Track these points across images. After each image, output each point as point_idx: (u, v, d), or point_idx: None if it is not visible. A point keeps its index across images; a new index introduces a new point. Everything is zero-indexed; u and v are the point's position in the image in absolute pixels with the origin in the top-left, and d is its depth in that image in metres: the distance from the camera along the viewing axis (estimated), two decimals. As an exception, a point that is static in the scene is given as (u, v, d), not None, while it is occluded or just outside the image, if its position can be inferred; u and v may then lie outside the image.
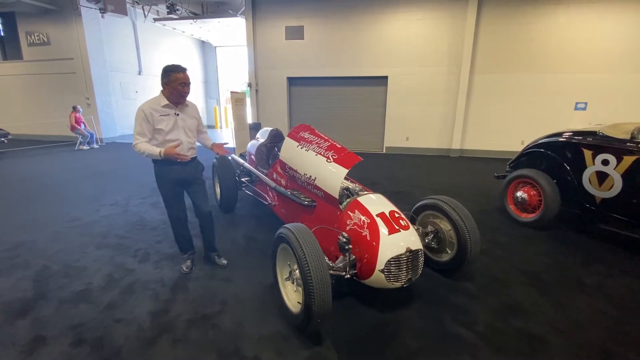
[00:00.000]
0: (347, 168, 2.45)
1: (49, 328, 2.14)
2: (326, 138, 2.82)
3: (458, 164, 8.10)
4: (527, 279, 2.79)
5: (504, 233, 3.75)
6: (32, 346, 1.98)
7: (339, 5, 9.08)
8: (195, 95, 17.29)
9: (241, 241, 3.52)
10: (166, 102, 2.51)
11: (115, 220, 4.13)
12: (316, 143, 2.76)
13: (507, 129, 8.66)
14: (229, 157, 4.37)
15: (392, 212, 2.36)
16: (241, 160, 4.45)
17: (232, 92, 8.50)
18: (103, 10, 9.86)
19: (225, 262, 2.97)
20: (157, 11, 12.50)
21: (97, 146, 10.68)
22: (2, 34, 12.19)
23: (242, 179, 4.39)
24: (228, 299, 2.49)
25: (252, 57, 9.99)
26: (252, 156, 4.47)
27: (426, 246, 2.82)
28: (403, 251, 2.15)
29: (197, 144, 2.82)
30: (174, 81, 2.46)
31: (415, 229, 2.64)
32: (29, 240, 3.48)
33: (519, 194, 3.94)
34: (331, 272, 2.21)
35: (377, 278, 2.18)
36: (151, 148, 2.43)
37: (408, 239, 2.23)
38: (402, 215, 2.40)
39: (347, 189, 2.78)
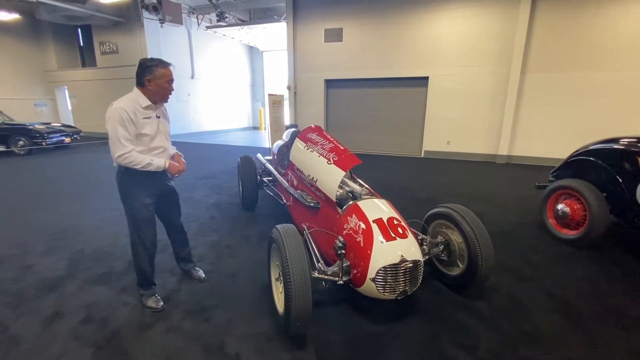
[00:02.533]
0: (344, 170, 2.37)
1: (68, 304, 2.39)
2: (331, 139, 2.76)
3: (503, 171, 7.43)
4: (555, 305, 2.44)
5: (539, 250, 3.34)
6: (50, 319, 2.22)
7: (379, 5, 8.90)
8: (243, 98, 18.20)
9: (254, 239, 3.59)
10: (148, 102, 2.10)
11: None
12: (320, 144, 2.72)
13: (564, 133, 7.73)
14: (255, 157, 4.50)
15: (390, 219, 2.23)
16: (263, 160, 4.56)
17: (269, 95, 8.78)
18: (162, 21, 10.83)
19: (204, 276, 2.69)
20: (210, 19, 13.40)
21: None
22: (81, 44, 14.02)
23: (264, 179, 4.49)
24: (228, 294, 2.56)
25: (291, 61, 10.22)
26: (276, 156, 4.56)
27: (436, 258, 2.62)
28: (397, 261, 2.02)
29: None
30: (160, 78, 2.09)
31: (420, 239, 2.48)
32: (73, 226, 3.93)
33: (560, 207, 3.48)
34: (324, 276, 2.16)
35: (369, 287, 2.07)
36: (150, 160, 2.07)
37: (405, 248, 2.09)
38: (403, 223, 2.25)
39: (351, 192, 2.69)
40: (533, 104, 7.94)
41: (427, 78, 8.85)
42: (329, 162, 2.52)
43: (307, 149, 2.81)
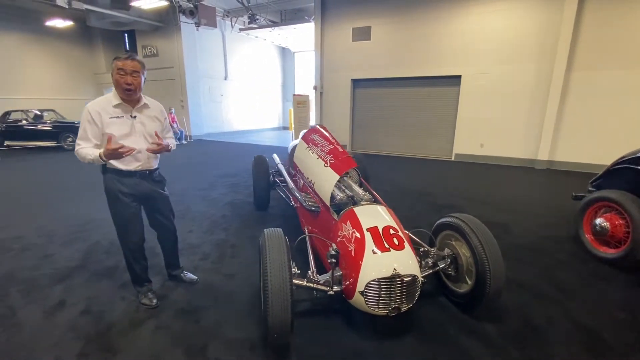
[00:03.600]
0: (339, 174, 2.23)
1: (72, 295, 2.50)
2: (332, 141, 2.64)
3: (542, 178, 6.81)
4: (579, 334, 2.12)
5: (570, 269, 2.96)
6: (54, 309, 2.33)
7: (409, 1, 8.57)
8: (274, 98, 18.52)
9: (259, 240, 3.56)
10: (118, 100, 2.02)
11: (167, 208, 4.64)
12: (321, 146, 2.61)
13: (613, 137, 6.91)
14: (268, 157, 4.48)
15: (387, 228, 2.06)
16: (277, 160, 4.53)
17: (294, 95, 8.80)
18: (198, 24, 11.30)
19: (195, 277, 2.67)
20: (244, 22, 13.76)
21: (185, 142, 12.29)
22: (127, 47, 15.03)
23: (277, 179, 4.45)
24: (222, 295, 2.53)
25: (318, 61, 10.17)
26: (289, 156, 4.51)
27: (443, 272, 2.40)
28: (389, 274, 1.85)
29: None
30: (114, 70, 1.97)
31: (423, 251, 2.28)
32: (98, 218, 4.15)
33: (598, 221, 3.06)
34: (314, 285, 2.05)
35: (358, 300, 1.93)
36: (90, 152, 1.95)
37: (400, 261, 1.92)
38: (400, 234, 2.08)
39: (352, 196, 2.55)
40: (579, 104, 7.18)
41: (459, 77, 8.36)
42: (326, 165, 2.40)
43: (308, 150, 2.71)
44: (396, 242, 2.00)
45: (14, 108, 10.71)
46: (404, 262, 1.93)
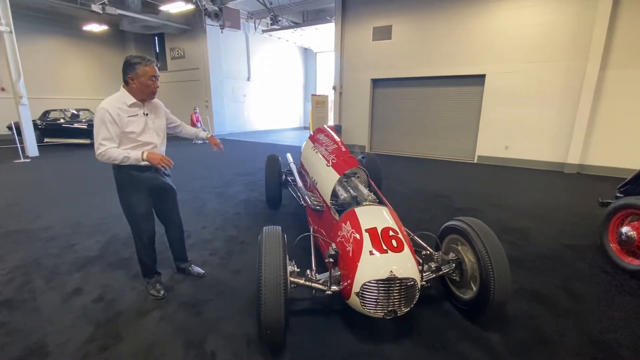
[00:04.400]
0: (339, 174, 2.22)
1: (88, 283, 2.65)
2: (336, 140, 2.62)
3: (571, 183, 6.42)
4: (593, 349, 1.98)
5: (591, 280, 2.77)
6: (70, 295, 2.48)
7: (432, -1, 8.36)
8: (295, 99, 18.69)
9: (259, 237, 3.61)
10: (133, 100, 2.12)
11: (183, 203, 4.80)
12: (325, 145, 2.61)
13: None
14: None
15: (386, 229, 2.03)
16: (290, 159, 4.57)
17: (312, 95, 8.84)
18: (222, 26, 11.61)
19: (202, 271, 2.74)
20: (267, 23, 14.01)
21: (208, 142, 12.66)
22: (157, 50, 15.72)
23: (289, 178, 4.49)
24: (226, 290, 2.59)
25: (338, 61, 10.15)
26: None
27: (448, 277, 2.33)
28: (385, 277, 1.82)
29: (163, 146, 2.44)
30: (143, 75, 2.07)
31: (425, 254, 2.22)
32: (120, 212, 4.37)
33: (624, 229, 2.85)
34: (311, 284, 2.05)
35: (354, 301, 1.91)
36: (127, 153, 2.06)
37: (398, 264, 1.88)
38: (400, 236, 2.03)
39: (355, 197, 2.53)
40: (614, 104, 6.70)
41: (483, 76, 8.05)
42: (328, 164, 2.39)
43: (314, 150, 2.72)
44: (395, 244, 1.96)
45: (53, 107, 11.51)
46: (402, 265, 1.89)
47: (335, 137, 2.74)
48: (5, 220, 4.06)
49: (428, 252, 2.24)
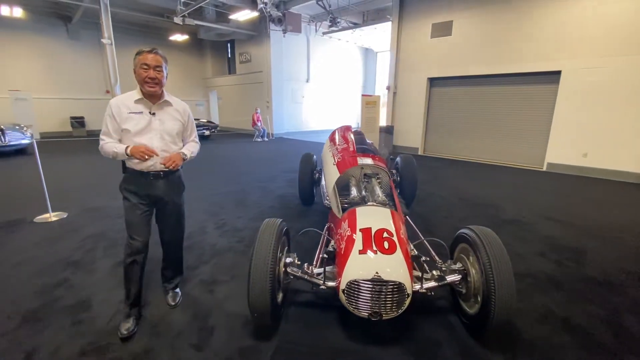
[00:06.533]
0: (339, 173, 2.24)
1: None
2: (349, 140, 2.64)
3: (666, 200, 5.29)
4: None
5: (649, 315, 2.31)
6: (118, 264, 2.94)
7: (500, -10, 7.63)
8: (353, 99, 18.71)
9: (292, 231, 3.77)
10: (139, 96, 1.99)
11: (230, 195, 5.26)
12: (338, 144, 2.64)
13: None
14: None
15: (381, 231, 2.00)
16: (324, 159, 4.67)
17: (363, 96, 8.79)
18: (284, 31, 12.24)
19: (173, 303, 2.34)
20: (327, 25, 14.32)
21: (267, 140, 13.47)
22: (229, 55, 17.22)
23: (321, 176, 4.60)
24: (240, 273, 2.81)
25: (393, 60, 9.91)
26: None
27: (456, 289, 2.19)
28: (369, 277, 1.81)
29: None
30: (136, 65, 1.94)
31: (424, 260, 2.12)
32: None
33: None
34: (306, 277, 2.14)
35: (342, 298, 1.93)
36: (116, 147, 1.92)
37: (386, 266, 1.85)
38: (394, 238, 1.99)
39: (364, 197, 2.52)
40: None
41: (558, 73, 7.08)
42: (333, 163, 2.43)
43: (329, 149, 2.78)
44: (386, 246, 1.93)
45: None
46: (391, 268, 1.85)
47: (349, 137, 2.76)
48: (89, 199, 4.94)
49: (428, 259, 2.13)
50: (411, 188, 4.32)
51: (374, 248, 1.92)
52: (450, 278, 2.11)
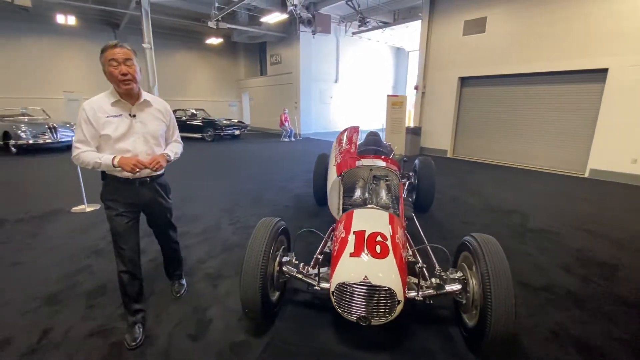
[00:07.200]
0: (337, 174, 2.22)
1: (150, 247, 3.29)
2: (353, 141, 2.61)
3: None
4: None
5: (684, 343, 2.05)
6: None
7: (539, -18, 7.12)
8: (383, 99, 18.40)
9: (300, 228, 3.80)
10: (116, 97, 1.82)
11: (248, 193, 5.41)
12: (341, 145, 2.62)
13: None
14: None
15: (374, 234, 1.96)
16: (340, 160, 4.65)
17: (388, 96, 8.62)
18: (314, 32, 12.33)
19: (179, 294, 2.46)
20: (358, 25, 14.22)
21: (294, 140, 13.65)
22: (260, 57, 17.68)
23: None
24: (246, 271, 2.89)
25: (422, 59, 9.61)
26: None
27: (456, 299, 2.09)
28: (357, 281, 1.78)
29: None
30: (104, 63, 1.75)
31: (420, 267, 2.04)
32: (203, 195, 5.23)
33: None
34: (302, 277, 2.15)
35: (332, 300, 1.92)
36: (99, 158, 1.76)
37: (377, 270, 1.80)
38: (388, 243, 1.93)
39: (365, 199, 2.48)
40: None
41: (605, 70, 6.47)
42: (334, 164, 2.42)
43: (333, 150, 2.77)
44: (378, 250, 1.88)
45: (179, 107, 14.21)
46: (383, 273, 1.81)
47: (353, 137, 2.73)
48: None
49: (425, 266, 2.05)
50: (429, 191, 4.17)
51: (365, 251, 1.88)
52: (449, 287, 2.02)
